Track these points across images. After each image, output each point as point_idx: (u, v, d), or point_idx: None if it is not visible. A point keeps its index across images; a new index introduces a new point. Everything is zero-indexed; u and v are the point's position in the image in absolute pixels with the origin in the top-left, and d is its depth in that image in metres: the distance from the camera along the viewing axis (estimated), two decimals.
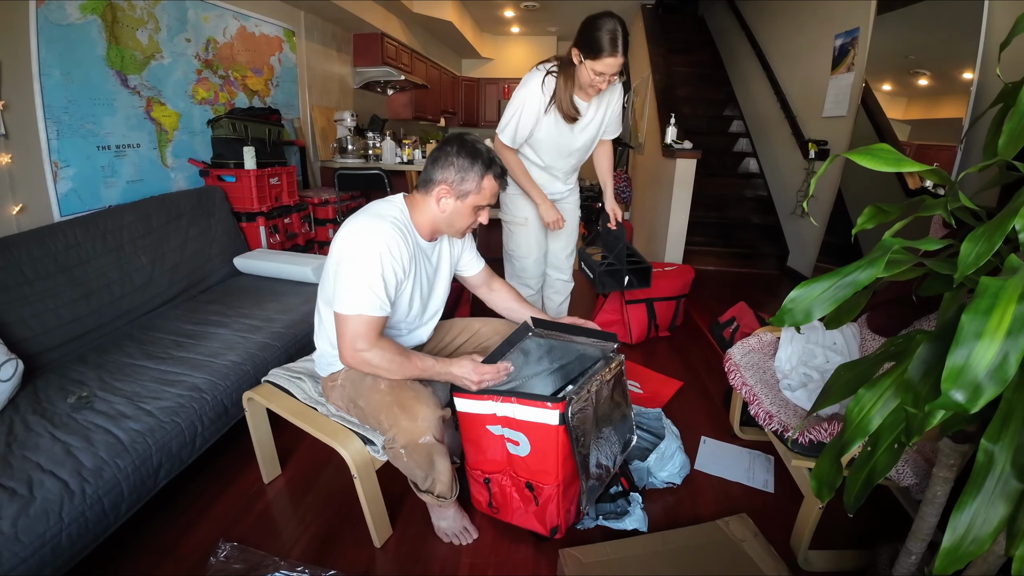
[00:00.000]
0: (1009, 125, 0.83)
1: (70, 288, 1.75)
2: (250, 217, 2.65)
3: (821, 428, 1.26)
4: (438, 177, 1.26)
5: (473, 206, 1.28)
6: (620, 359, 1.45)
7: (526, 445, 1.25)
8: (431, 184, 1.27)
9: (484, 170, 1.26)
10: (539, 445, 1.24)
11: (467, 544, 1.39)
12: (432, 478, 1.27)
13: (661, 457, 1.60)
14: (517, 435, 1.26)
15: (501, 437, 1.29)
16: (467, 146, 1.26)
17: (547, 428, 1.20)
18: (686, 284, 2.80)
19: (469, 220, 1.31)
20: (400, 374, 1.22)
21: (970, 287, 0.78)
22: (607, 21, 1.59)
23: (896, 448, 0.83)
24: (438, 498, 1.30)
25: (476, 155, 1.25)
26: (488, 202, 1.30)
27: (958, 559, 0.69)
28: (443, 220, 1.30)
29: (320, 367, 1.41)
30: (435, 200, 1.27)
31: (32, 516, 1.03)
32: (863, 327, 1.67)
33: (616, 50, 1.60)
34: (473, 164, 1.24)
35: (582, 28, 1.65)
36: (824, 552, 1.35)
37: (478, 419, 1.30)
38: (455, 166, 1.25)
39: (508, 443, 1.29)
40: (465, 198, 1.26)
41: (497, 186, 1.29)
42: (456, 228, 1.32)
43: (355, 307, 1.17)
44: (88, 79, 2.10)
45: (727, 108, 5.15)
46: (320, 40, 4.03)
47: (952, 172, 2.32)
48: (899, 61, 3.24)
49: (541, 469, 1.26)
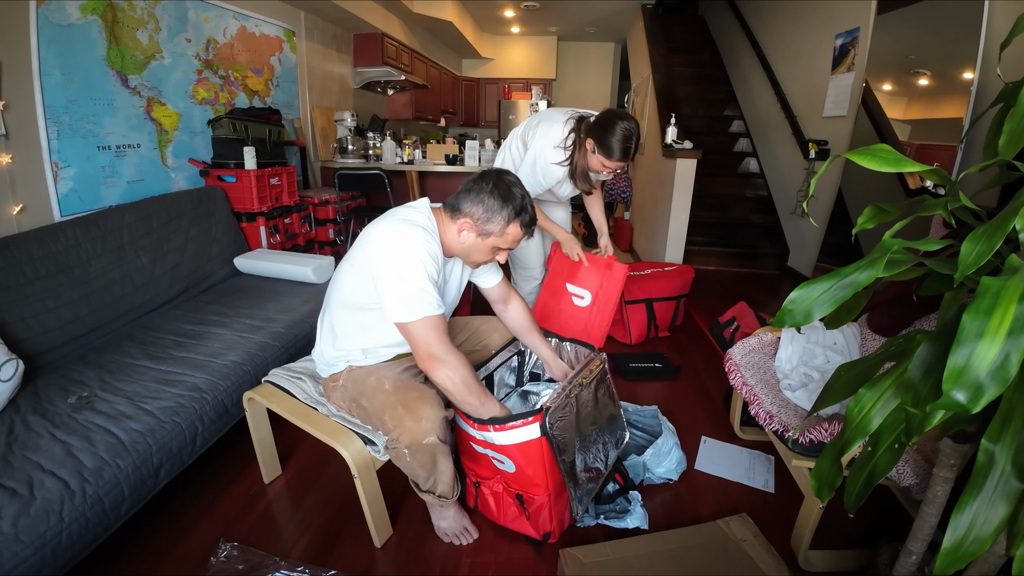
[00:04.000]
0: (1009, 125, 0.83)
1: (71, 288, 1.76)
2: (250, 217, 2.65)
3: (821, 428, 1.26)
4: (466, 209, 1.24)
5: (493, 247, 1.27)
6: (602, 359, 1.44)
7: (510, 464, 1.27)
8: (458, 213, 1.25)
9: (512, 216, 1.23)
10: (522, 462, 1.25)
11: (467, 544, 1.39)
12: (434, 478, 1.27)
13: (658, 453, 1.60)
14: (501, 456, 1.27)
15: (486, 455, 1.31)
16: (502, 187, 1.23)
17: (530, 444, 1.21)
18: (686, 284, 2.80)
19: (486, 258, 1.30)
20: (463, 395, 1.20)
21: (971, 287, 0.78)
22: (623, 128, 1.68)
23: (896, 448, 0.83)
24: (439, 498, 1.30)
25: (508, 199, 1.22)
26: (510, 246, 1.28)
27: (958, 559, 0.69)
28: (460, 250, 1.28)
29: (320, 368, 1.41)
30: (456, 229, 1.25)
31: (33, 516, 1.03)
32: (863, 327, 1.67)
33: (627, 158, 1.72)
34: (503, 208, 1.22)
35: (599, 125, 1.73)
36: (824, 552, 1.35)
37: (465, 435, 1.32)
38: (484, 204, 1.22)
39: (494, 461, 1.30)
40: (487, 238, 1.24)
41: (522, 234, 1.27)
42: (471, 261, 1.32)
43: (417, 311, 1.15)
44: (88, 79, 2.10)
45: (727, 108, 5.15)
46: (320, 40, 4.03)
47: (952, 172, 2.32)
48: (899, 61, 3.24)
49: (529, 482, 1.28)
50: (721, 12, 5.52)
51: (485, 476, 1.38)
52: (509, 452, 1.24)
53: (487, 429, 1.21)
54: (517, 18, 6.36)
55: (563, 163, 1.85)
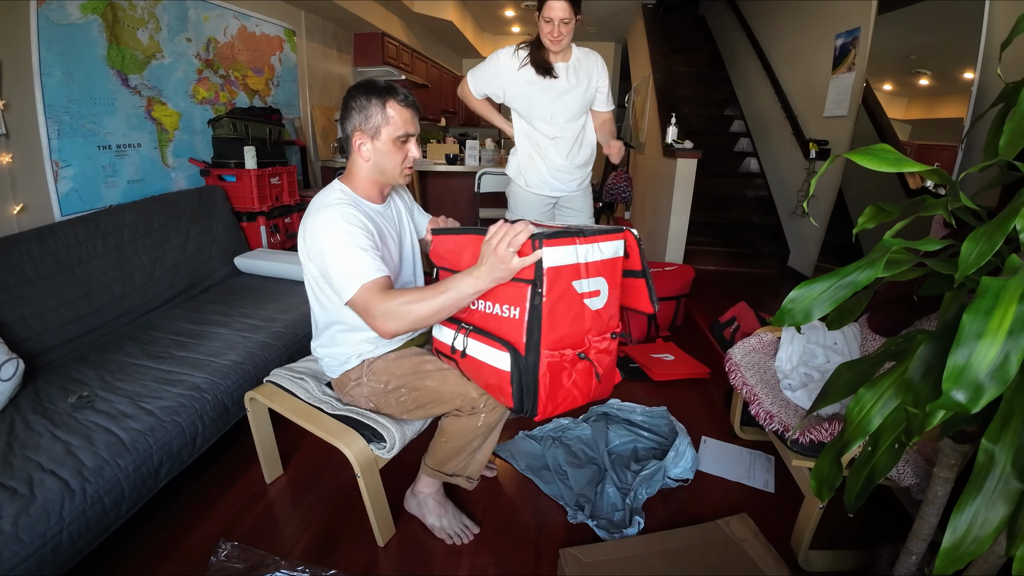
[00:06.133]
0: (1010, 125, 0.83)
1: (71, 287, 1.76)
2: (251, 217, 2.65)
3: (821, 428, 1.26)
4: (349, 128, 1.22)
5: (392, 139, 1.21)
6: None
7: (605, 291, 1.09)
8: (348, 139, 1.24)
9: (383, 98, 1.19)
10: (614, 283, 1.11)
11: (467, 543, 1.39)
12: (475, 459, 1.30)
13: (676, 454, 1.62)
14: (598, 282, 1.08)
15: (582, 295, 1.07)
16: (361, 86, 1.21)
17: (615, 261, 1.10)
18: (686, 284, 2.80)
19: (398, 156, 1.24)
20: (434, 310, 1.06)
21: (971, 287, 0.78)
22: None
23: (896, 448, 0.83)
24: (468, 480, 1.33)
25: (370, 88, 1.20)
26: (406, 130, 1.22)
27: (958, 559, 0.69)
28: (374, 168, 1.25)
29: (329, 368, 1.38)
30: (357, 153, 1.23)
31: (33, 515, 1.03)
32: (863, 327, 1.67)
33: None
34: (370, 98, 1.19)
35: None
36: (824, 552, 1.35)
37: (564, 276, 1.03)
38: (356, 108, 1.20)
39: (589, 299, 1.07)
40: (379, 135, 1.21)
41: (408, 111, 1.21)
42: (390, 171, 1.26)
43: (354, 284, 1.10)
44: (89, 79, 2.10)
45: (728, 108, 5.15)
46: (321, 40, 4.03)
47: (953, 172, 2.32)
48: (900, 61, 3.24)
49: (611, 314, 1.12)
50: (721, 12, 5.51)
51: (569, 345, 1.07)
52: (607, 270, 1.08)
53: (591, 241, 1.03)
54: (517, 18, 6.36)
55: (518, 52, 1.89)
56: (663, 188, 3.58)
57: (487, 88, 1.99)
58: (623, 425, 1.83)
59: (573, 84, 1.92)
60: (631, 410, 1.89)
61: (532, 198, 2.08)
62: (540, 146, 2.00)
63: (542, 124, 1.97)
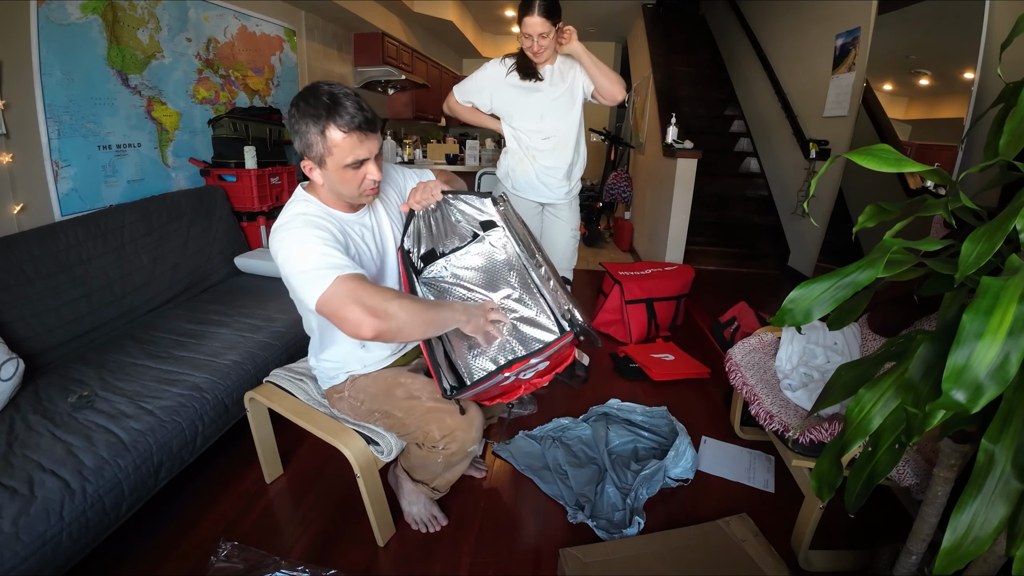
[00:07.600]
0: (1010, 125, 0.83)
1: (71, 287, 1.76)
2: (251, 216, 2.65)
3: (821, 428, 1.26)
4: (298, 151, 1.08)
5: (341, 167, 1.05)
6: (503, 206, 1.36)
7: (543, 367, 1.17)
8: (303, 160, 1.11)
9: (322, 124, 1.01)
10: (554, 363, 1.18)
11: (434, 532, 1.40)
12: (444, 477, 1.29)
13: (676, 454, 1.62)
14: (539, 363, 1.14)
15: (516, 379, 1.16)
16: (299, 103, 1.03)
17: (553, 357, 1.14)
18: (686, 284, 2.80)
19: (354, 182, 1.09)
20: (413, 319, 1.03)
21: (971, 287, 0.78)
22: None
23: (897, 448, 0.83)
24: (433, 491, 1.33)
25: (308, 110, 1.02)
26: (353, 156, 1.05)
27: (958, 559, 0.69)
28: (333, 192, 1.13)
29: (320, 379, 1.37)
30: (311, 175, 1.11)
31: (33, 515, 1.03)
32: (864, 327, 1.67)
33: (530, 10, 1.77)
34: (307, 124, 1.02)
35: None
36: (824, 552, 1.35)
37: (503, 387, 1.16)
38: (298, 133, 1.04)
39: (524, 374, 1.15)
40: (324, 164, 1.06)
41: (354, 135, 1.03)
42: (352, 196, 1.13)
43: (321, 286, 0.99)
44: (89, 79, 2.10)
45: (728, 108, 5.14)
46: (321, 40, 4.03)
47: (953, 172, 2.32)
48: (900, 61, 3.23)
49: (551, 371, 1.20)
50: (722, 12, 5.51)
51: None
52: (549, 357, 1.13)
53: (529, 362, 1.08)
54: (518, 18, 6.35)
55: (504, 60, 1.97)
56: (663, 188, 3.58)
57: (474, 99, 2.07)
58: (623, 425, 1.83)
59: (558, 83, 1.97)
60: (631, 410, 1.89)
61: (519, 202, 2.08)
62: (530, 149, 2.02)
63: (533, 124, 1.99)
